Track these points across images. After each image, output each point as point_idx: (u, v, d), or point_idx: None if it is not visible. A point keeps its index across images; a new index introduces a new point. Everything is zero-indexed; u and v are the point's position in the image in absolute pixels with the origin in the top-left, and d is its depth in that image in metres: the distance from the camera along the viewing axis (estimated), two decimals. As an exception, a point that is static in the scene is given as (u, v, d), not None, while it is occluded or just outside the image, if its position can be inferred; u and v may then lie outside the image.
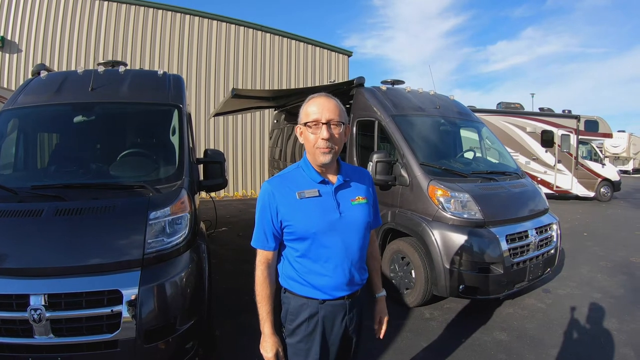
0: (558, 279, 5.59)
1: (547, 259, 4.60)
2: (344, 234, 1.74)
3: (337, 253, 1.73)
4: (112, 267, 2.65)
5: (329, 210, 1.73)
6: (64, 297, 2.47)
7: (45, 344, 2.44)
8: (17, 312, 2.42)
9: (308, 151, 1.76)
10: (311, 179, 1.76)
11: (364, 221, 1.81)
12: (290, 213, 1.71)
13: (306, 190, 1.73)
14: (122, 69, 4.37)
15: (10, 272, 2.54)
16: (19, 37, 13.12)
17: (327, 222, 1.71)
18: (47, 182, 3.38)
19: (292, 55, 15.65)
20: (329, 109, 1.70)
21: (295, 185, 1.74)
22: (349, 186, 1.82)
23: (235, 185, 14.71)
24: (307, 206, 1.71)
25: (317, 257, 1.72)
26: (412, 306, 4.51)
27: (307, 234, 1.69)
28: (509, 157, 5.92)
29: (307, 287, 1.74)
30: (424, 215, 4.47)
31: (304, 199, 1.72)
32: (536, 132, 14.23)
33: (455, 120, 6.05)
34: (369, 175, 1.97)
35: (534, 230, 4.46)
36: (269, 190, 1.74)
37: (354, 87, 6.06)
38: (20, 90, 4.08)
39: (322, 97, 1.75)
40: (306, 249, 1.72)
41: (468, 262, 4.04)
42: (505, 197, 4.71)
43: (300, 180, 1.76)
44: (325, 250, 1.71)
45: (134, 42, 13.74)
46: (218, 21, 14.62)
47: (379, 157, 4.82)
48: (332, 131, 1.68)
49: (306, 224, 1.69)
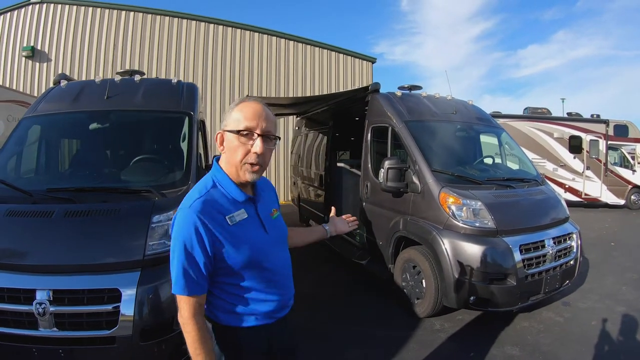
0: (580, 291, 5.33)
1: (566, 271, 4.39)
2: (276, 251, 1.63)
3: (280, 273, 1.62)
4: (114, 266, 2.80)
5: (259, 231, 1.58)
6: (67, 293, 2.64)
7: (48, 336, 2.60)
8: (24, 305, 2.60)
9: (230, 164, 1.53)
10: (234, 198, 1.53)
11: (285, 234, 1.75)
12: (225, 243, 1.46)
13: (234, 213, 1.51)
14: (137, 78, 4.53)
15: (20, 268, 2.75)
16: (48, 46, 13.67)
17: (262, 245, 1.56)
18: (61, 185, 3.55)
19: (316, 63, 15.67)
20: (266, 118, 1.52)
21: (220, 209, 1.49)
22: (264, 200, 1.67)
23: (258, 191, 14.68)
24: (240, 231, 1.50)
25: (259, 283, 1.55)
26: (422, 316, 4.39)
27: (248, 262, 1.50)
28: (529, 163, 5.72)
29: (254, 317, 1.56)
30: (434, 224, 4.34)
31: (235, 224, 1.49)
32: (564, 138, 13.79)
33: (473, 126, 5.91)
34: (270, 183, 1.86)
35: (552, 240, 4.28)
36: (194, 219, 1.42)
37: (369, 93, 5.98)
38: (41, 99, 4.35)
39: (258, 103, 1.55)
40: (247, 278, 1.52)
41: (479, 273, 3.89)
42: (521, 205, 4.55)
43: (222, 202, 1.51)
44: (265, 274, 1.56)
45: (160, 51, 14.11)
46: (241, 29, 14.83)
47: (391, 163, 4.74)
48: (266, 145, 1.51)
49: (245, 251, 1.49)
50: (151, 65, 13.89)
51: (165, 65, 14.04)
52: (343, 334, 4.15)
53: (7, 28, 13.78)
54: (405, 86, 6.24)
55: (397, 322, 4.39)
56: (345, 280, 5.97)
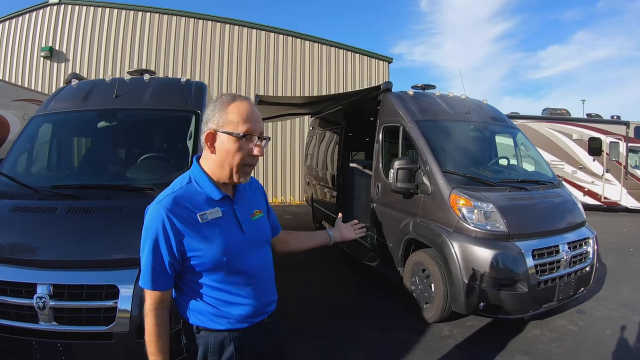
0: (596, 298, 5.13)
1: (581, 278, 4.22)
2: (252, 254, 1.57)
3: (254, 276, 1.57)
4: (113, 263, 2.80)
5: (234, 231, 1.52)
6: (67, 288, 2.66)
7: (47, 330, 2.63)
8: (25, 298, 2.64)
9: (222, 167, 1.48)
10: (210, 196, 1.49)
11: (266, 237, 1.70)
12: (194, 241, 1.42)
13: (207, 210, 1.46)
14: (146, 77, 4.56)
15: (23, 262, 2.79)
16: (66, 47, 13.96)
17: (236, 245, 1.50)
18: (66, 182, 3.60)
19: (332, 63, 15.58)
20: (260, 119, 1.52)
21: (192, 206, 1.45)
22: (246, 200, 1.62)
23: (274, 191, 14.84)
24: (212, 230, 1.46)
25: (232, 285, 1.50)
26: (430, 322, 4.28)
27: (219, 262, 1.45)
28: (545, 164, 5.55)
29: (226, 320, 1.51)
30: (444, 226, 4.23)
31: (206, 222, 1.45)
32: (583, 140, 13.45)
33: (487, 126, 5.75)
34: (260, 184, 1.83)
35: (566, 245, 4.11)
36: (162, 215, 1.40)
37: (380, 92, 5.89)
38: (52, 98, 4.44)
39: (250, 104, 1.50)
40: (219, 279, 1.48)
41: (489, 278, 3.76)
42: (536, 208, 4.39)
43: (196, 199, 1.47)
44: (239, 276, 1.52)
45: (176, 51, 14.28)
46: (257, 30, 14.86)
47: (401, 163, 4.65)
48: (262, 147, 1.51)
49: (216, 251, 1.44)
50: (167, 65, 14.08)
51: (180, 65, 14.19)
52: (348, 336, 4.07)
53: (26, 29, 14.10)
54: (419, 85, 6.14)
55: (404, 327, 4.28)
56: (355, 282, 5.88)
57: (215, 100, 1.52)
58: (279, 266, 1.67)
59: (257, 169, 14.39)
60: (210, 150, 1.49)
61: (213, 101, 1.51)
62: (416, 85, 6.14)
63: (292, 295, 5.26)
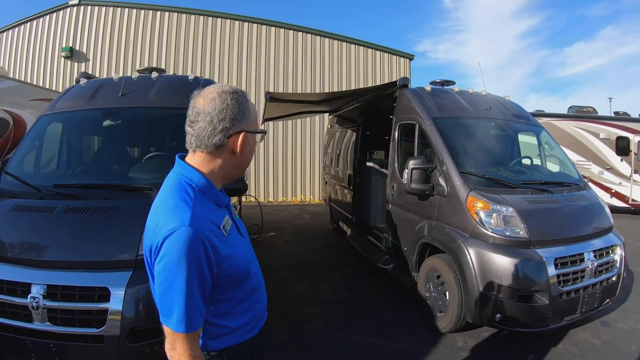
0: (621, 309, 4.76)
1: (607, 288, 3.92)
2: (251, 254, 1.49)
3: (260, 278, 1.50)
4: (106, 265, 2.80)
5: (239, 236, 1.43)
6: (60, 289, 2.67)
7: (41, 329, 2.65)
8: (20, 297, 2.67)
9: (241, 166, 1.40)
10: (219, 203, 1.36)
11: (248, 234, 1.58)
12: (227, 258, 1.27)
13: (223, 221, 1.32)
14: (154, 75, 4.52)
15: (20, 262, 2.82)
16: (86, 47, 14.22)
17: (247, 251, 1.43)
18: (68, 181, 3.58)
19: (352, 60, 15.38)
20: None
21: (212, 219, 1.28)
22: (228, 199, 1.50)
23: (293, 190, 14.78)
24: (233, 241, 1.34)
25: (249, 293, 1.42)
26: (444, 332, 4.05)
27: (245, 273, 1.38)
28: (570, 165, 5.23)
29: (242, 331, 1.41)
30: (460, 231, 3.99)
31: (228, 235, 1.32)
32: (610, 139, 12.86)
33: (509, 123, 5.45)
34: None
35: (592, 253, 3.82)
36: (200, 238, 1.18)
37: (397, 89, 5.67)
38: (60, 97, 4.48)
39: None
40: (241, 290, 1.38)
41: (507, 288, 3.51)
42: (559, 212, 4.11)
43: (209, 210, 1.30)
44: (254, 281, 1.44)
45: (195, 50, 14.37)
46: (276, 27, 14.79)
47: (416, 163, 4.43)
48: None
49: (242, 262, 1.36)
50: (186, 63, 14.19)
51: (200, 63, 14.25)
52: (354, 345, 3.91)
53: (47, 30, 14.38)
54: (437, 81, 5.90)
55: (416, 336, 4.09)
56: (368, 286, 5.70)
57: (225, 97, 1.31)
58: (290, 266, 1.53)
59: (277, 167, 14.40)
60: (238, 152, 1.33)
61: (222, 97, 1.30)
62: (435, 81, 5.91)
63: (300, 298, 5.14)
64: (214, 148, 1.30)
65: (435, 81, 5.90)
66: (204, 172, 1.33)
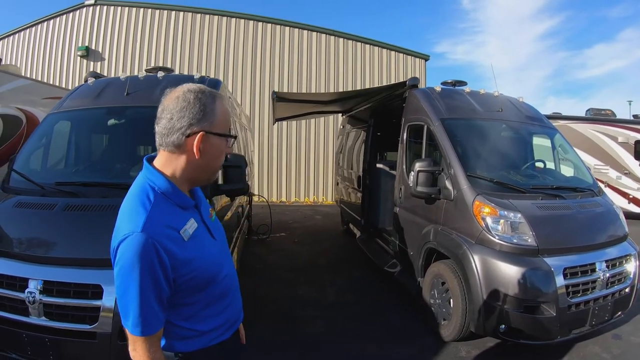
0: (634, 321, 4.52)
1: (619, 300, 3.73)
2: (226, 257, 1.46)
3: (231, 282, 1.45)
4: (100, 262, 2.75)
5: (209, 239, 1.39)
6: (56, 285, 2.73)
7: (37, 324, 2.72)
8: (18, 292, 2.75)
9: (205, 169, 1.35)
10: (184, 206, 1.33)
11: (225, 234, 1.56)
12: (186, 263, 1.25)
13: (185, 225, 1.29)
14: (160, 74, 4.51)
15: (19, 257, 2.90)
16: (102, 46, 14.39)
17: (216, 254, 1.39)
18: (70, 179, 3.63)
19: (366, 60, 15.21)
20: None
21: (171, 223, 1.26)
22: (201, 202, 1.47)
23: (306, 191, 14.70)
24: (196, 245, 1.30)
25: (217, 297, 1.39)
26: (447, 340, 3.93)
27: (209, 277, 1.33)
28: (584, 169, 5.03)
29: (212, 334, 1.39)
30: (466, 237, 3.86)
31: (190, 239, 1.28)
32: (629, 143, 12.45)
33: (521, 125, 5.28)
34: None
35: (604, 263, 3.65)
36: (152, 244, 1.16)
37: (406, 89, 5.55)
38: (68, 96, 4.56)
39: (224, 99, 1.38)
40: (206, 294, 1.34)
41: (512, 298, 3.37)
42: (571, 219, 3.93)
43: (171, 214, 1.27)
44: (223, 285, 1.40)
45: (209, 49, 14.36)
46: (290, 27, 14.74)
47: (422, 165, 4.31)
48: None
49: (205, 267, 1.31)
50: (200, 64, 14.22)
51: (214, 64, 14.28)
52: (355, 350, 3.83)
53: (64, 29, 14.61)
54: (449, 81, 5.77)
55: (418, 343, 3.98)
56: (373, 290, 5.59)
57: (188, 96, 1.29)
58: (297, 268, 1.45)
59: (290, 167, 14.32)
60: (196, 154, 1.28)
61: (185, 95, 1.29)
62: (446, 82, 5.78)
63: (304, 300, 5.07)
64: (174, 147, 1.28)
65: (446, 81, 5.77)
66: (167, 174, 1.31)
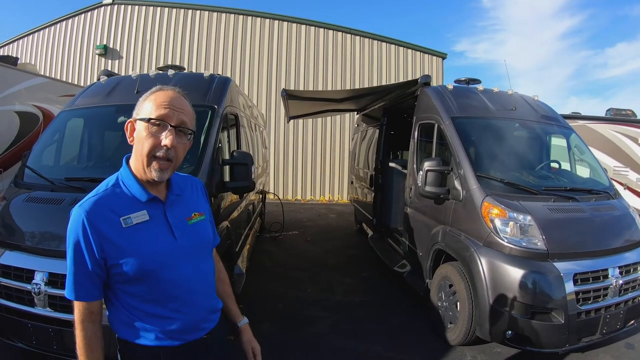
0: None
1: (632, 308, 3.57)
2: (187, 262, 1.41)
3: (184, 287, 1.40)
4: None
5: (164, 236, 1.38)
6: (60, 277, 2.80)
7: (41, 314, 2.85)
8: (25, 283, 2.89)
9: (137, 158, 1.37)
10: (136, 197, 1.36)
11: (207, 242, 1.53)
12: (117, 248, 1.30)
13: (132, 214, 1.34)
14: (170, 72, 4.57)
15: (27, 249, 3.03)
16: (119, 45, 14.60)
17: (164, 253, 1.36)
18: (79, 175, 3.69)
19: (383, 58, 15.06)
20: (183, 109, 1.38)
21: (116, 209, 1.33)
22: (182, 201, 1.48)
23: (322, 189, 14.67)
24: (137, 236, 1.32)
25: (161, 297, 1.36)
26: (453, 344, 3.84)
27: (143, 272, 1.32)
28: (600, 171, 4.85)
29: (155, 334, 1.37)
30: (474, 239, 3.77)
31: (130, 226, 1.32)
32: (650, 144, 12.10)
33: (535, 125, 5.11)
34: (201, 183, 1.66)
35: (617, 269, 3.50)
36: (81, 219, 1.28)
37: (418, 87, 5.45)
38: (80, 93, 4.66)
39: (174, 91, 1.40)
40: (145, 290, 1.34)
41: (519, 304, 3.27)
42: (584, 222, 3.79)
43: (121, 201, 1.35)
44: (169, 286, 1.37)
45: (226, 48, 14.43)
46: (306, 25, 14.70)
47: (430, 165, 4.22)
48: (178, 139, 1.34)
49: (140, 259, 1.31)
50: (217, 62, 14.29)
51: (230, 62, 14.34)
52: (359, 352, 3.79)
53: (82, 28, 14.85)
54: (462, 79, 5.64)
55: (423, 347, 3.91)
56: (382, 290, 5.54)
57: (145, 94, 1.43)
58: (307, 267, 1.39)
59: (305, 165, 14.26)
60: (131, 141, 1.39)
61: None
62: (459, 79, 5.66)
63: (311, 299, 5.04)
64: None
65: (460, 79, 5.66)
66: (131, 167, 1.40)
